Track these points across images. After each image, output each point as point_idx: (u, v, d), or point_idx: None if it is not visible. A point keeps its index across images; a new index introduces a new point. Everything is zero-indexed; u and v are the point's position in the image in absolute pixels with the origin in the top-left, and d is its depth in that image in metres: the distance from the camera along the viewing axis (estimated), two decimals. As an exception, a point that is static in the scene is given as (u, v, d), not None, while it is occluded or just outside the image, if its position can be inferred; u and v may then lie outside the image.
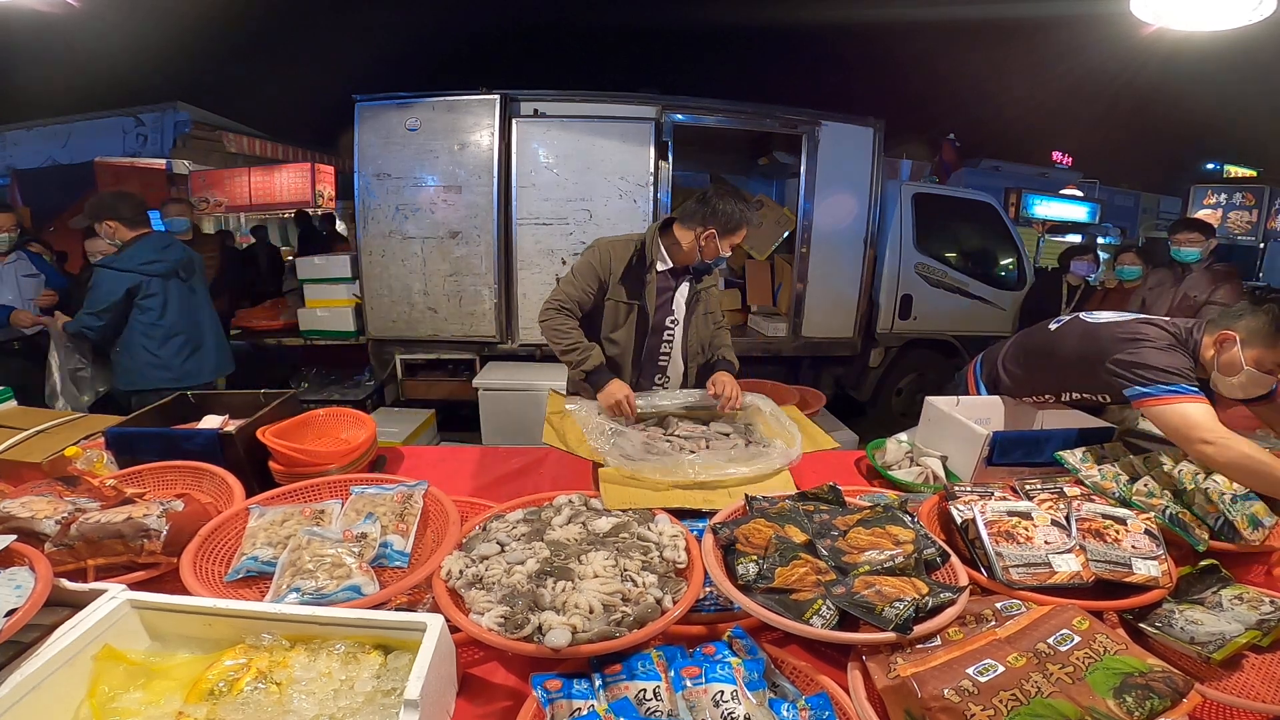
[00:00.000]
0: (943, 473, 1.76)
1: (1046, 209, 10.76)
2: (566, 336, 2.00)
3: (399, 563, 1.18)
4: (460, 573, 1.07)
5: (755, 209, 2.04)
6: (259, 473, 1.60)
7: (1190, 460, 1.48)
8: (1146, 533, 1.24)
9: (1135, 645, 0.93)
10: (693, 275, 2.15)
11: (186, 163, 6.72)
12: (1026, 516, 1.25)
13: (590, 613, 0.97)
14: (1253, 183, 9.15)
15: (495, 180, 3.99)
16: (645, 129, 4.05)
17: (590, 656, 0.93)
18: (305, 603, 1.02)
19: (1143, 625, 1.12)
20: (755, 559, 1.09)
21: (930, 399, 1.95)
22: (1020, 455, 1.65)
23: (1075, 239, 9.91)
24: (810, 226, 4.49)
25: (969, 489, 1.36)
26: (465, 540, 1.18)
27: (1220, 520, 1.34)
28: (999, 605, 1.05)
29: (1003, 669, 0.86)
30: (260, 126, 7.87)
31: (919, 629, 0.95)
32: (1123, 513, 1.29)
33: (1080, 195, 11.51)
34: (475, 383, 3.93)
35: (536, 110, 4.05)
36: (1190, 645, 1.05)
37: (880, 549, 1.12)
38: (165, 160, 6.72)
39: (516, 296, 4.19)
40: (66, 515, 1.19)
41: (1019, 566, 1.15)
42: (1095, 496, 1.38)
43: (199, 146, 6.92)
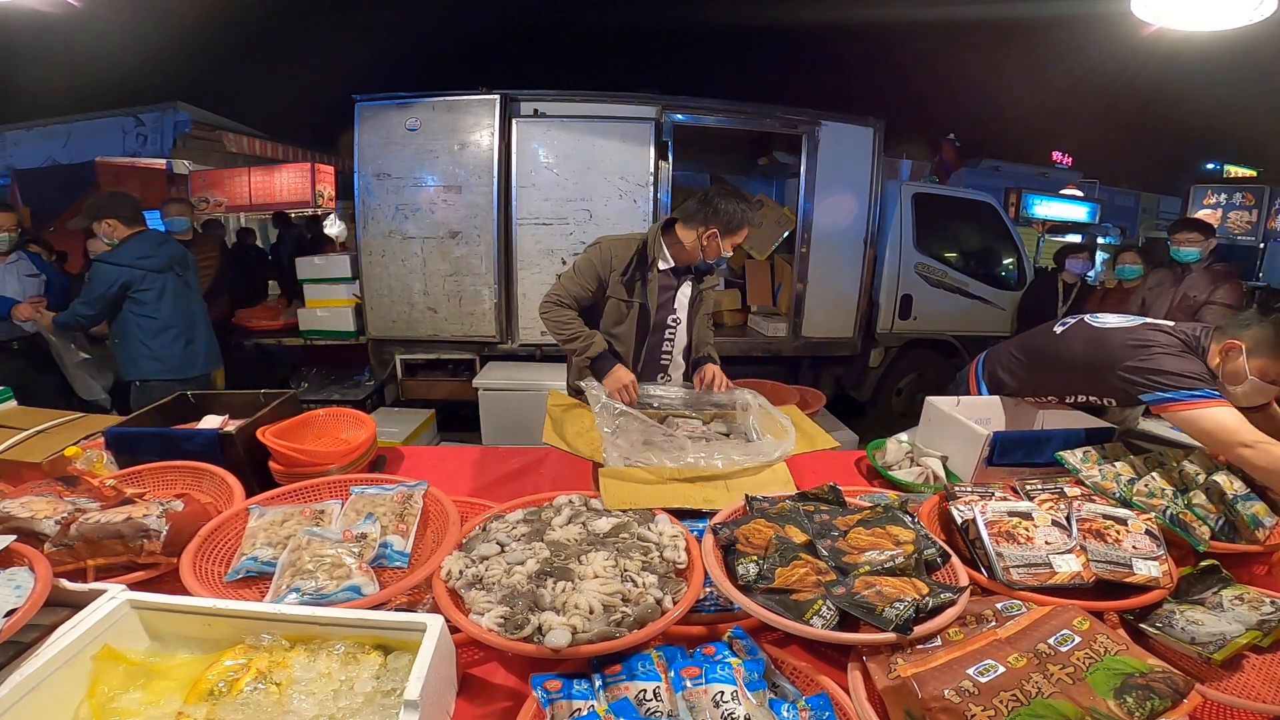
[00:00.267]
0: (943, 473, 1.76)
1: (1046, 209, 10.77)
2: (568, 327, 2.02)
3: (399, 563, 1.18)
4: (460, 573, 1.07)
5: (756, 209, 2.05)
6: (259, 473, 1.60)
7: (1192, 460, 1.48)
8: (1147, 533, 1.24)
9: (1136, 646, 0.93)
10: (694, 275, 2.16)
11: (186, 163, 6.72)
12: (1027, 517, 1.25)
13: (590, 613, 0.97)
14: (1253, 183, 9.15)
15: (495, 180, 3.99)
16: (645, 129, 4.05)
17: (590, 657, 0.93)
18: (305, 603, 1.02)
19: (1143, 626, 1.12)
20: (755, 559, 1.09)
21: (930, 399, 1.95)
22: (1021, 455, 1.65)
23: (1075, 239, 9.91)
24: (810, 226, 4.49)
25: (969, 489, 1.35)
26: (465, 540, 1.18)
27: (1221, 520, 1.34)
28: (999, 606, 1.05)
29: (1003, 669, 0.86)
30: (260, 126, 7.87)
31: (919, 629, 0.95)
32: (1123, 513, 1.29)
33: (1080, 195, 11.52)
34: (475, 383, 3.93)
35: (536, 110, 4.05)
36: (1191, 646, 1.05)
37: (880, 549, 1.12)
38: (165, 160, 6.72)
39: (516, 296, 4.19)
40: (66, 515, 1.19)
41: (1019, 567, 1.15)
42: (1096, 497, 1.38)
43: (199, 146, 6.92)
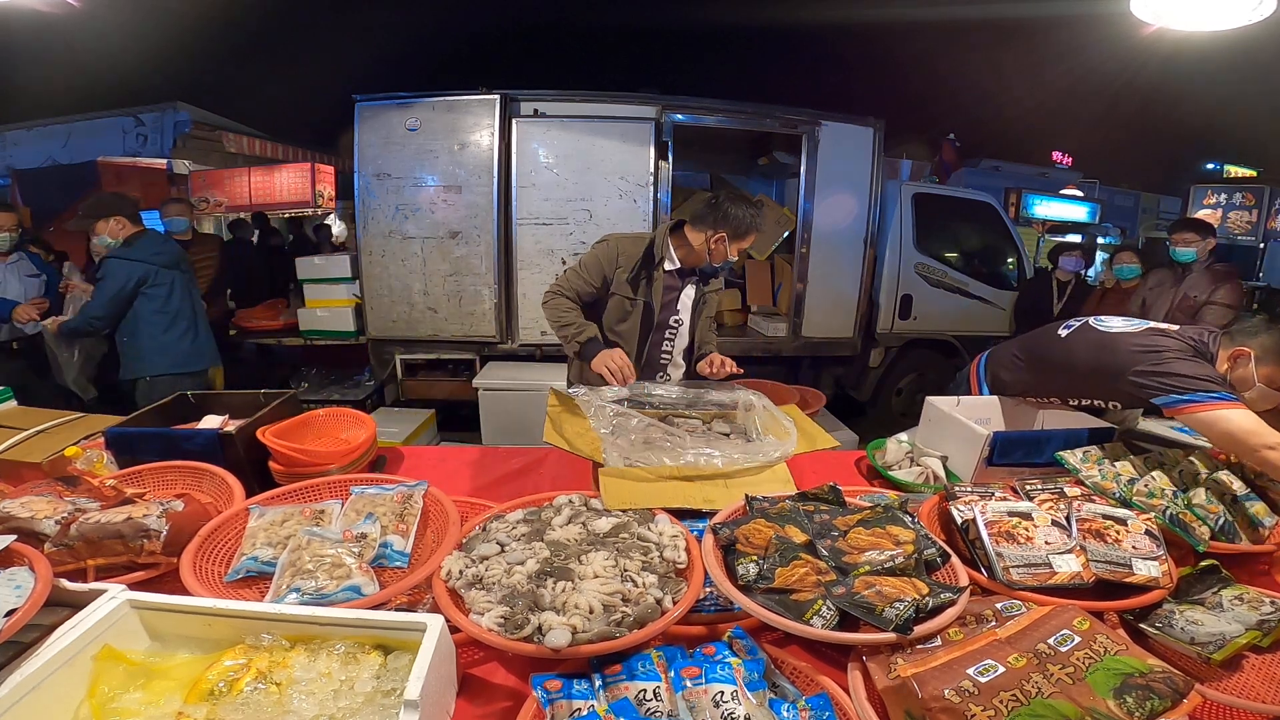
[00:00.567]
0: (943, 473, 1.76)
1: (1046, 209, 10.78)
2: (565, 315, 2.03)
3: (399, 563, 1.18)
4: (460, 573, 1.07)
5: (762, 214, 2.06)
6: (259, 473, 1.60)
7: (1195, 459, 1.48)
8: (1147, 533, 1.24)
9: (1136, 646, 0.93)
10: (699, 278, 2.16)
11: (186, 163, 6.72)
12: (1027, 517, 1.25)
13: (590, 613, 0.97)
14: (1253, 183, 9.14)
15: (495, 180, 3.99)
16: (645, 129, 4.05)
17: (590, 657, 0.93)
18: (305, 603, 1.02)
19: (1143, 626, 1.12)
20: (755, 559, 1.09)
21: (930, 399, 1.95)
22: (1021, 455, 1.65)
23: (1075, 239, 9.92)
24: (810, 226, 4.50)
25: (969, 489, 1.35)
26: (465, 540, 1.18)
27: (1221, 520, 1.34)
28: (999, 605, 1.05)
29: (1003, 669, 0.86)
30: (260, 126, 7.85)
31: (919, 629, 0.95)
32: (1123, 513, 1.29)
33: (1080, 195, 11.53)
34: (475, 383, 3.93)
35: (536, 110, 4.05)
36: (1190, 646, 1.05)
37: (880, 549, 1.12)
38: (166, 160, 6.72)
39: (516, 296, 4.19)
40: (66, 515, 1.19)
41: (1019, 567, 1.15)
42: (1095, 497, 1.38)
43: (199, 146, 6.91)
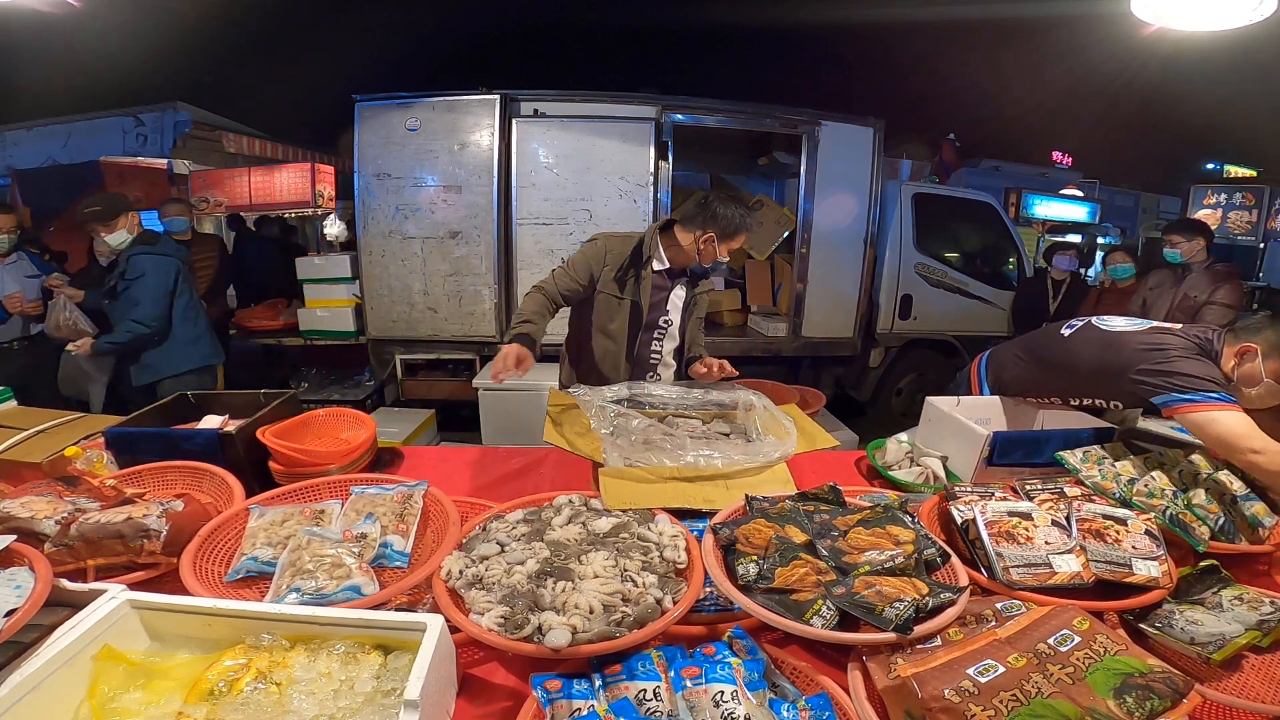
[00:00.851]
0: (943, 473, 1.76)
1: (1046, 209, 10.79)
2: (523, 309, 2.02)
3: (399, 563, 1.18)
4: (460, 573, 1.07)
5: (755, 214, 2.05)
6: (259, 473, 1.60)
7: (1195, 459, 1.48)
8: (1147, 533, 1.24)
9: (1135, 646, 0.93)
10: (689, 278, 2.16)
11: (186, 163, 6.72)
12: (1027, 517, 1.25)
13: (590, 613, 0.97)
14: (1253, 183, 9.14)
15: (495, 180, 3.99)
16: (645, 129, 4.05)
17: (590, 657, 0.93)
18: (305, 603, 1.02)
19: (1143, 626, 1.12)
20: (755, 559, 1.09)
21: (930, 399, 1.95)
22: (1021, 455, 1.65)
23: (1075, 239, 9.92)
24: (810, 226, 4.49)
25: (969, 489, 1.35)
26: (465, 540, 1.18)
27: (1220, 520, 1.34)
28: (999, 605, 1.05)
29: (1003, 669, 0.86)
30: (260, 126, 7.85)
31: (919, 629, 0.95)
32: (1123, 513, 1.29)
33: (1080, 195, 11.54)
34: (475, 383, 3.93)
35: (536, 110, 4.05)
36: (1190, 646, 1.05)
37: (880, 549, 1.12)
38: (167, 160, 6.73)
39: (516, 296, 4.19)
40: (66, 515, 1.19)
41: (1019, 567, 1.15)
42: (1095, 497, 1.38)
43: (199, 146, 6.92)
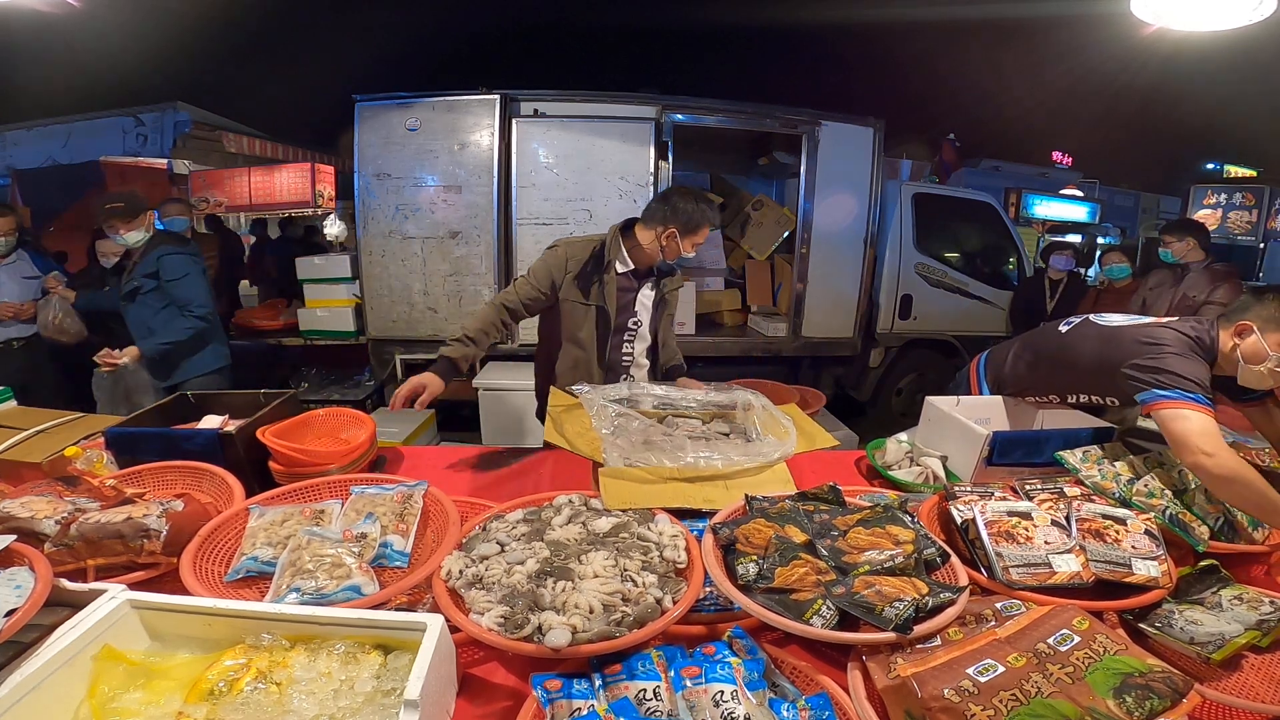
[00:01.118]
0: (943, 473, 1.76)
1: (1046, 209, 10.80)
2: (467, 325, 1.98)
3: (399, 563, 1.18)
4: (460, 573, 1.07)
5: (717, 209, 2.03)
6: (259, 473, 1.60)
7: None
8: (1146, 533, 1.24)
9: (1135, 645, 0.93)
10: (655, 277, 2.13)
11: (186, 163, 6.72)
12: (1026, 517, 1.25)
13: (590, 613, 0.97)
14: (1253, 183, 9.15)
15: (495, 180, 3.99)
16: (645, 129, 4.05)
17: (590, 656, 0.93)
18: (305, 603, 1.02)
19: (1143, 625, 1.12)
20: (755, 559, 1.09)
21: (930, 399, 1.95)
22: (1020, 455, 1.65)
23: (1075, 239, 9.92)
24: (810, 226, 4.49)
25: (969, 489, 1.35)
26: (465, 540, 1.18)
27: (1220, 520, 1.34)
28: (999, 605, 1.05)
29: (1003, 669, 0.86)
30: (260, 126, 7.85)
31: (919, 629, 0.95)
32: (1123, 513, 1.29)
33: (1080, 195, 11.56)
34: (475, 383, 3.92)
35: (536, 110, 4.05)
36: (1190, 645, 1.05)
37: (880, 549, 1.12)
38: (167, 160, 6.73)
39: (516, 297, 4.19)
40: (66, 515, 1.19)
41: (1019, 566, 1.15)
42: (1095, 497, 1.38)
43: (199, 146, 6.91)
